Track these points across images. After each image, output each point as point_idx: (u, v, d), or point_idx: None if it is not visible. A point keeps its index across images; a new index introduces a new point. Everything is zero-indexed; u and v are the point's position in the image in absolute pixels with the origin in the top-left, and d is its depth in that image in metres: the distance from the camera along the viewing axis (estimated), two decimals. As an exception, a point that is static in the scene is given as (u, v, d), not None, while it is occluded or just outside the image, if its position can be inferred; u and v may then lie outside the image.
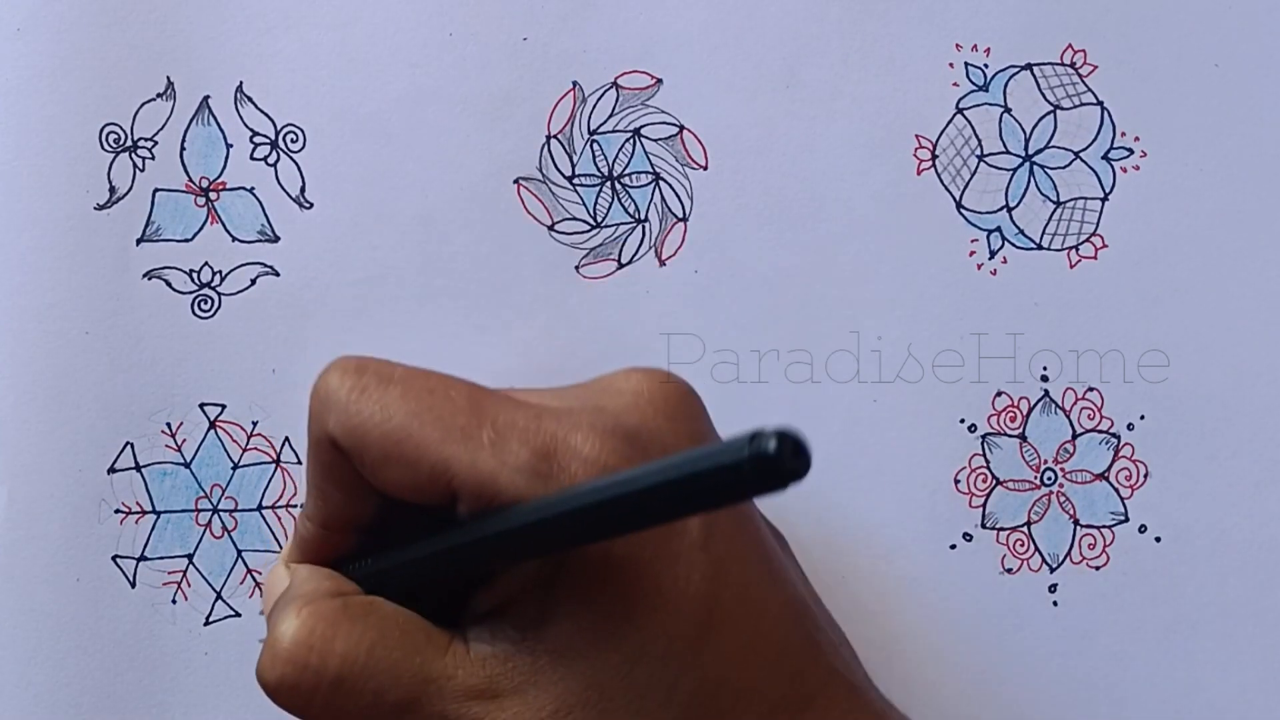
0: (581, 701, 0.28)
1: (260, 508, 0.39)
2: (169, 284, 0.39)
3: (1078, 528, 0.40)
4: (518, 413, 0.29)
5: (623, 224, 0.40)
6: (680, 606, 0.28)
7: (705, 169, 0.40)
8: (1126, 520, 0.40)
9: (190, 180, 0.39)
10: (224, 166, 0.39)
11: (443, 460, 0.28)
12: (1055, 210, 0.41)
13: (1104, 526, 0.40)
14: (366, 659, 0.28)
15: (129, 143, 0.39)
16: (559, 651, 0.28)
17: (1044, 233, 0.41)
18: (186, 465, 0.39)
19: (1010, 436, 0.40)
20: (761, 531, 0.32)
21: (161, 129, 0.39)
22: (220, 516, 0.39)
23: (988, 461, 0.40)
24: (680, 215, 0.40)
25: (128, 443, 0.39)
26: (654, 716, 0.28)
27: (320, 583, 0.30)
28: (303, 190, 0.39)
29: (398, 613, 0.29)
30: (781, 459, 0.23)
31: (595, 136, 0.40)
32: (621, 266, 0.40)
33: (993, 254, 0.40)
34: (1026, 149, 0.41)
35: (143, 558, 0.38)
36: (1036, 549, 0.40)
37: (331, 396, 0.29)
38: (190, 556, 0.39)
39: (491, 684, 0.28)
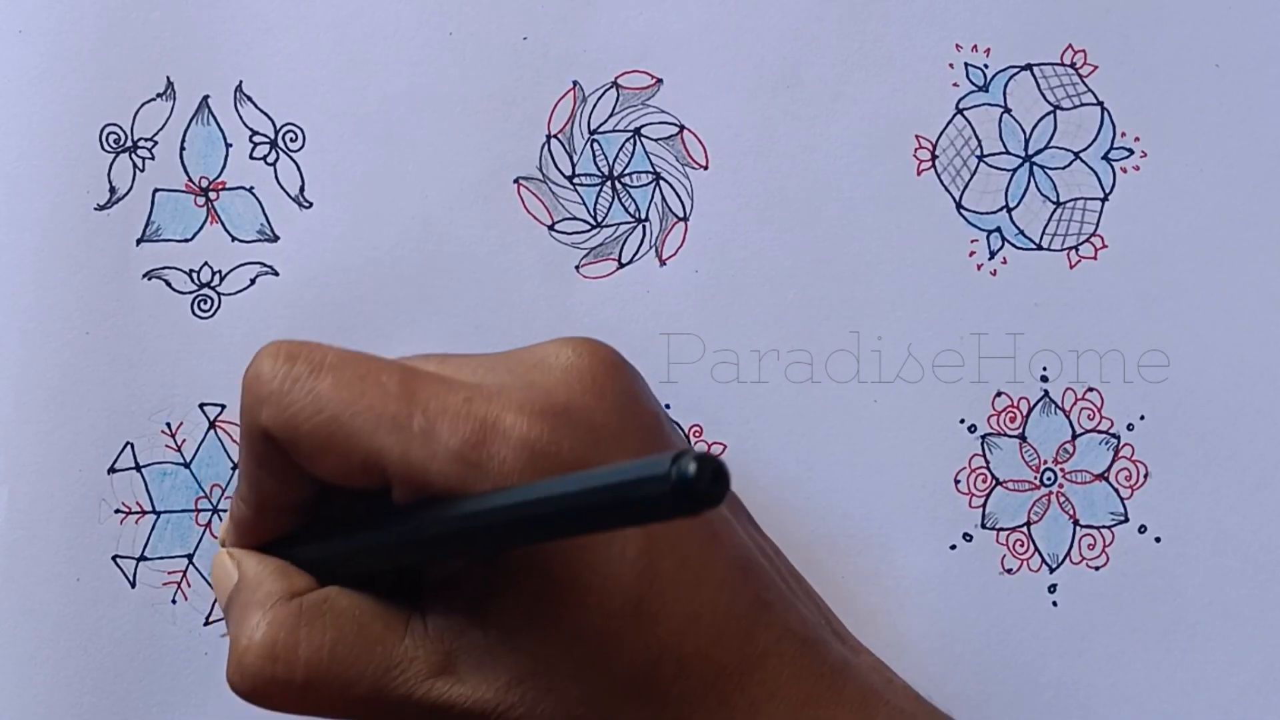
0: (531, 673, 0.29)
1: (260, 508, 0.39)
2: (169, 284, 0.39)
3: (1077, 528, 0.40)
4: (449, 396, 0.29)
5: (623, 224, 0.40)
6: (615, 584, 0.29)
7: (705, 169, 0.40)
8: (1126, 520, 0.40)
9: (190, 180, 0.39)
10: (223, 166, 0.39)
11: (374, 451, 0.29)
12: (1055, 210, 0.41)
13: (1104, 527, 0.40)
14: (330, 660, 0.30)
15: (129, 143, 0.39)
16: (506, 628, 0.29)
17: (1044, 233, 0.41)
18: (186, 465, 0.39)
19: (1010, 437, 0.40)
20: None
21: (161, 129, 0.39)
22: (220, 516, 0.39)
23: (988, 462, 0.40)
24: (680, 215, 0.40)
25: (128, 443, 0.39)
26: (597, 688, 0.29)
27: (272, 583, 0.31)
28: (302, 190, 0.39)
29: (353, 604, 0.30)
30: (699, 483, 0.23)
31: (595, 136, 0.40)
32: (622, 266, 0.40)
33: (993, 254, 0.40)
34: (1026, 149, 0.41)
35: (143, 558, 0.38)
36: (1036, 549, 0.40)
37: (263, 387, 0.30)
38: (190, 556, 0.39)
39: (449, 659, 0.29)
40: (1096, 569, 0.40)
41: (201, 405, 0.39)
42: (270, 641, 0.30)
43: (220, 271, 0.39)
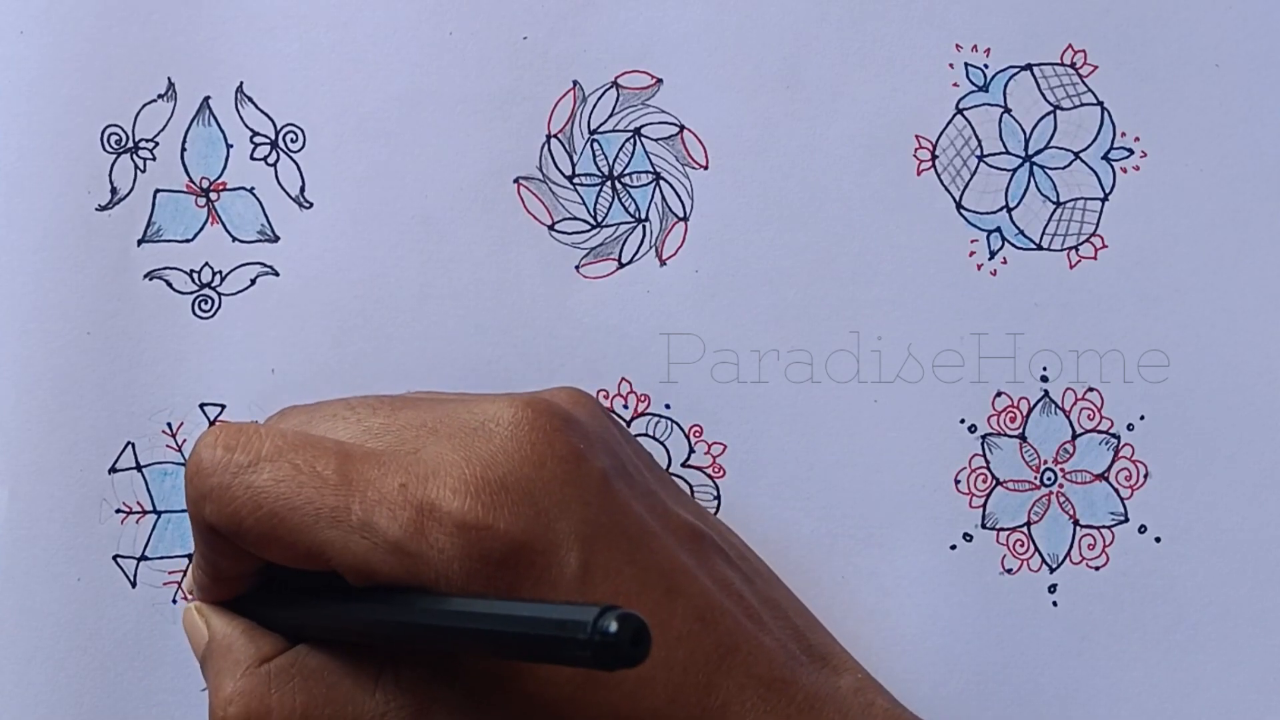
0: None
1: (260, 507, 0.39)
2: (169, 284, 0.39)
3: (1077, 528, 0.40)
4: (386, 480, 0.30)
5: (623, 224, 0.40)
6: None
7: (705, 169, 0.40)
8: (1126, 520, 0.40)
9: (191, 181, 0.39)
10: (224, 167, 0.39)
11: (317, 544, 0.30)
12: (1055, 210, 0.41)
13: (1104, 527, 0.40)
14: None
15: (130, 144, 0.39)
16: (467, 691, 0.30)
17: (1044, 233, 0.40)
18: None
19: (1010, 437, 0.40)
20: (652, 549, 0.32)
21: (162, 130, 0.39)
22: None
23: (988, 461, 0.40)
24: (681, 215, 0.40)
25: (128, 443, 0.39)
26: None
27: (241, 648, 0.32)
28: (302, 190, 0.39)
29: (322, 664, 0.31)
30: (619, 644, 0.24)
31: (595, 136, 0.40)
32: (622, 266, 0.40)
33: (993, 254, 0.40)
34: (1026, 149, 0.41)
35: (143, 557, 0.38)
36: (1036, 549, 0.40)
37: (205, 481, 0.31)
38: (191, 556, 0.39)
39: (421, 711, 0.30)
40: (1096, 569, 0.40)
41: (202, 405, 0.39)
42: (243, 714, 0.31)
43: (221, 272, 0.39)
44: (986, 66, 0.41)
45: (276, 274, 0.39)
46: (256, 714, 0.31)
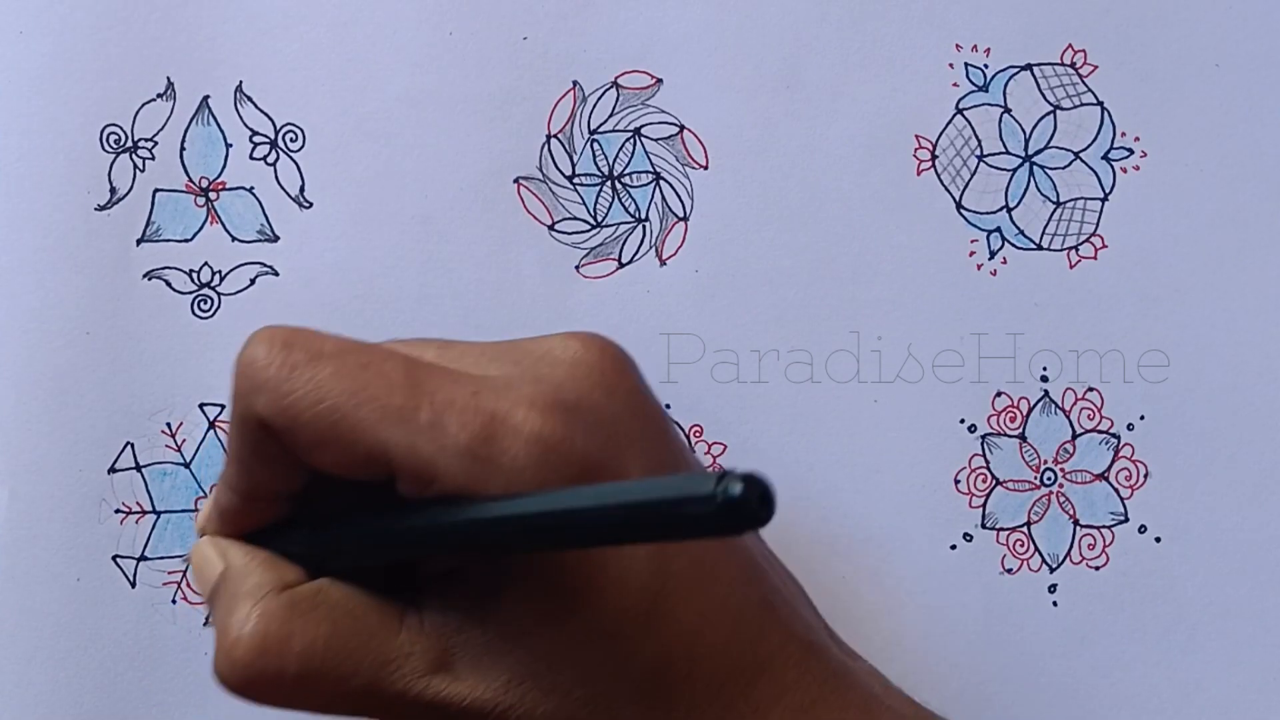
0: (532, 673, 0.28)
1: (260, 508, 0.39)
2: (169, 284, 0.39)
3: (1077, 528, 0.40)
4: (455, 389, 0.28)
5: (623, 224, 0.40)
6: (629, 583, 0.28)
7: (705, 169, 0.40)
8: (1126, 520, 0.40)
9: (190, 180, 0.39)
10: (224, 166, 0.39)
11: (380, 444, 0.27)
12: (1055, 210, 0.41)
13: (1104, 527, 0.40)
14: (324, 653, 0.28)
15: (129, 143, 0.39)
16: (509, 626, 0.28)
17: (1044, 233, 0.40)
18: (186, 465, 0.39)
19: (1010, 437, 0.40)
20: None
21: (162, 129, 0.39)
22: (220, 516, 0.39)
23: (988, 461, 0.40)
24: (681, 215, 0.40)
25: (128, 443, 0.39)
26: (604, 689, 0.28)
27: (262, 574, 0.30)
28: (302, 190, 0.39)
29: (346, 597, 0.29)
30: (747, 504, 0.22)
31: (595, 136, 0.40)
32: (622, 266, 0.40)
33: (993, 254, 0.40)
34: (1026, 149, 0.41)
35: (143, 558, 0.38)
36: (1036, 549, 0.40)
37: (259, 374, 0.28)
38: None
39: (447, 656, 0.28)
40: (1096, 569, 0.40)
41: (201, 405, 0.39)
42: (261, 634, 0.28)
43: (220, 271, 0.39)
44: (986, 66, 0.41)
45: (276, 274, 0.39)
46: (275, 637, 0.28)
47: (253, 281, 0.39)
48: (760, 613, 0.30)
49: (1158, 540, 0.40)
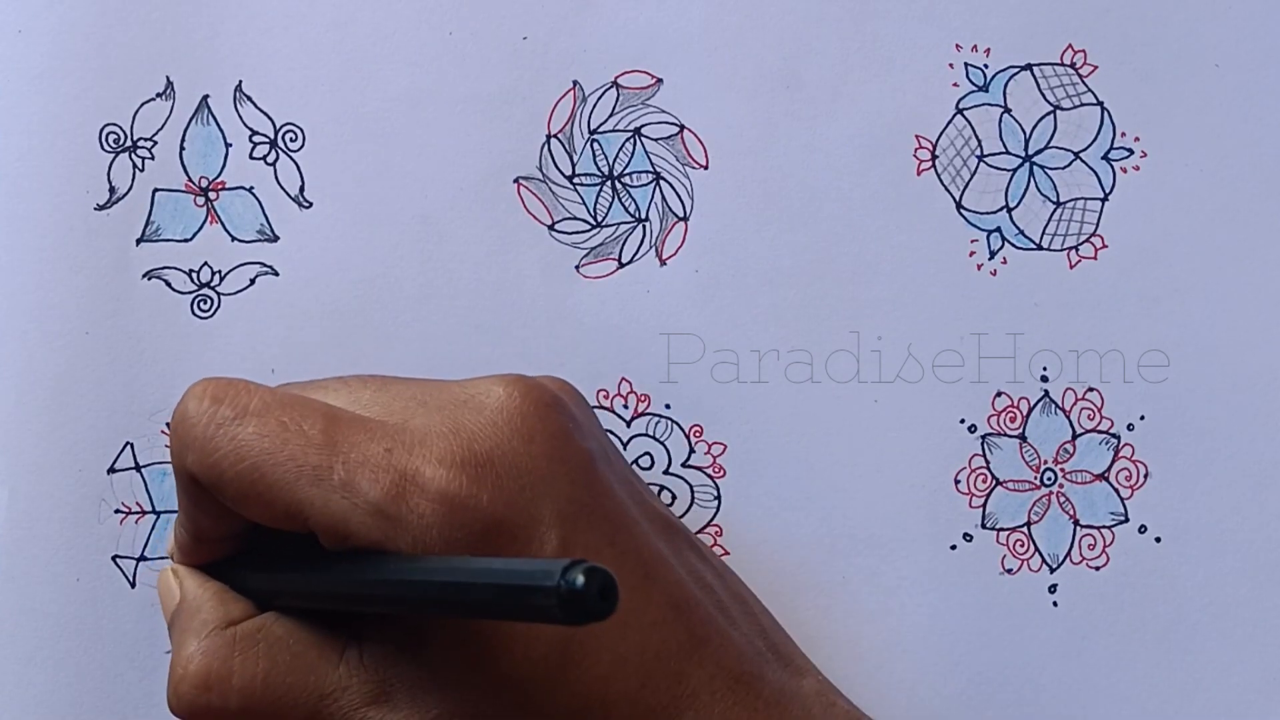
0: (462, 711, 0.29)
1: (260, 508, 0.39)
2: (169, 284, 0.39)
3: (1078, 528, 0.40)
4: (370, 446, 0.29)
5: (623, 223, 0.40)
6: (540, 633, 0.29)
7: (705, 169, 0.40)
8: (1126, 520, 0.40)
9: (190, 180, 0.39)
10: (223, 166, 0.39)
11: (296, 502, 0.29)
12: (1055, 210, 0.41)
13: (1104, 527, 0.40)
14: (263, 688, 0.30)
15: (129, 143, 0.39)
16: (435, 667, 0.30)
17: (1044, 233, 0.41)
18: (186, 465, 0.39)
19: (1010, 437, 0.40)
20: (632, 534, 0.32)
21: (161, 129, 0.39)
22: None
23: (988, 462, 0.40)
24: (681, 215, 0.40)
25: (128, 443, 0.39)
26: None
27: (210, 609, 0.32)
28: (302, 190, 0.39)
29: (288, 632, 0.31)
30: (587, 598, 0.24)
31: (595, 136, 0.40)
32: (622, 266, 0.40)
33: (993, 254, 0.40)
34: (1026, 149, 0.41)
35: (143, 558, 0.38)
36: (1036, 549, 0.40)
37: (189, 431, 0.30)
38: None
39: (385, 688, 0.30)
40: (1096, 569, 0.40)
41: (201, 405, 0.39)
42: (204, 671, 0.30)
43: (220, 271, 0.39)
44: (986, 66, 0.41)
45: (276, 274, 0.39)
46: (217, 675, 0.30)
47: (252, 281, 0.39)
48: (685, 649, 0.31)
49: (1158, 540, 0.40)
